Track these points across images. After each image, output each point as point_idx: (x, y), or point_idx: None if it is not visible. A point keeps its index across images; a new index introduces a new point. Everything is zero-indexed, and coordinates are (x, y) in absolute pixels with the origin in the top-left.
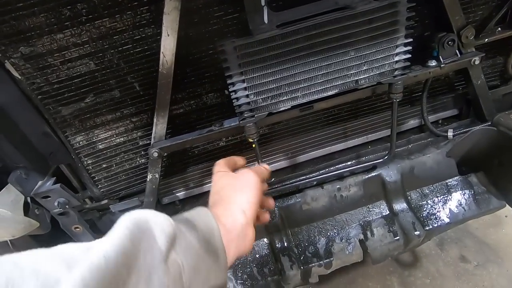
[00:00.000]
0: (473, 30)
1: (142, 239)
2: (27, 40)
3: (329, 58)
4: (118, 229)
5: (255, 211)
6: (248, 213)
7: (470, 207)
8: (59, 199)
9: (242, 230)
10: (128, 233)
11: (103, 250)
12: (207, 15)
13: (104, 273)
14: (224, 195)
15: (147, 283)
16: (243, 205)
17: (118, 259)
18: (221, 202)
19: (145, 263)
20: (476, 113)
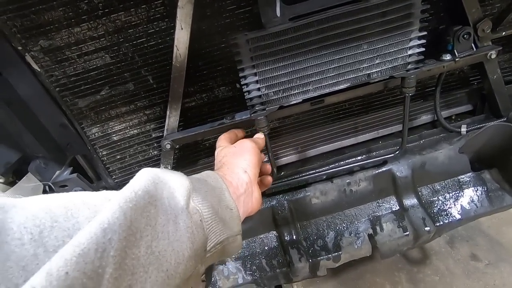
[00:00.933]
0: (490, 23)
1: (164, 188)
2: (46, 33)
3: (342, 52)
4: (140, 176)
5: (257, 171)
6: (250, 172)
7: (482, 203)
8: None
9: (248, 187)
10: (151, 180)
11: (131, 188)
12: (220, 9)
13: (136, 204)
14: (226, 161)
15: (175, 223)
16: (244, 166)
17: (145, 197)
18: (224, 167)
19: (170, 207)
20: (491, 108)
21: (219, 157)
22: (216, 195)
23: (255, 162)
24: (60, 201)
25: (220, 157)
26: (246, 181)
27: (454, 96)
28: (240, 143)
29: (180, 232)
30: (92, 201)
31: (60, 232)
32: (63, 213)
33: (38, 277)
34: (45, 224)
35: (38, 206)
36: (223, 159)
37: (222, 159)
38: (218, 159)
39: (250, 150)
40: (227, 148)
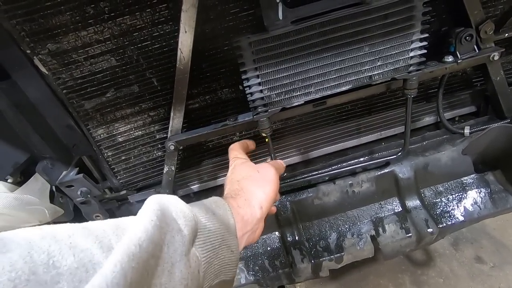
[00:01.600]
0: (492, 25)
1: (168, 230)
2: (53, 37)
3: (343, 54)
4: (146, 214)
5: (270, 206)
6: (264, 208)
7: (486, 205)
8: (81, 188)
9: (256, 224)
10: (156, 221)
11: (137, 238)
12: (223, 12)
13: (139, 262)
14: (245, 186)
15: (170, 274)
16: (262, 200)
17: (149, 249)
18: (241, 193)
19: (169, 254)
20: (494, 110)
21: (237, 175)
22: (220, 233)
23: (272, 197)
24: (45, 243)
25: (239, 176)
26: (257, 218)
27: (457, 97)
28: (263, 169)
29: (174, 283)
30: (82, 245)
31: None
32: (44, 262)
33: None
34: (20, 277)
35: (19, 252)
36: (242, 182)
37: (242, 180)
38: (235, 175)
39: (271, 182)
40: (248, 167)
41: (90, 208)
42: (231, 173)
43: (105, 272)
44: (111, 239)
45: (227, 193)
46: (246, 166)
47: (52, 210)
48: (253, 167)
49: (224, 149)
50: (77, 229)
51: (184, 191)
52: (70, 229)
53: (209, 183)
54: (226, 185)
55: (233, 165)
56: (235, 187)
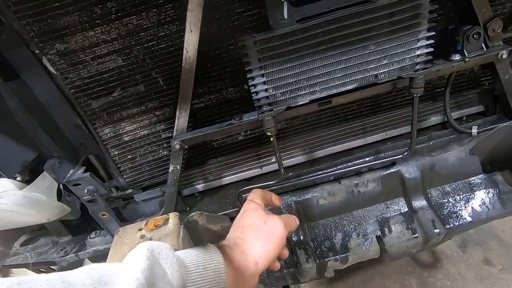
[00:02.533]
0: (501, 22)
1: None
2: (62, 37)
3: (349, 52)
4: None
5: (269, 264)
6: (260, 265)
7: (494, 206)
8: (88, 186)
9: (249, 279)
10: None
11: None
12: (229, 11)
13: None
14: (247, 236)
15: None
16: (260, 257)
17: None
18: (240, 244)
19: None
20: (503, 109)
21: (244, 220)
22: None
23: (273, 254)
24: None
25: (245, 223)
26: (251, 274)
27: (465, 96)
28: (272, 222)
29: None
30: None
31: None
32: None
33: None
34: None
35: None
36: (245, 231)
37: (245, 229)
38: (242, 220)
39: (276, 238)
40: (257, 214)
41: (96, 206)
42: (239, 216)
43: None
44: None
45: (228, 237)
46: (256, 213)
47: (59, 208)
48: (261, 217)
49: (229, 148)
50: (56, 284)
51: (189, 190)
52: (48, 285)
53: (214, 183)
54: (232, 227)
55: (244, 208)
56: (237, 234)
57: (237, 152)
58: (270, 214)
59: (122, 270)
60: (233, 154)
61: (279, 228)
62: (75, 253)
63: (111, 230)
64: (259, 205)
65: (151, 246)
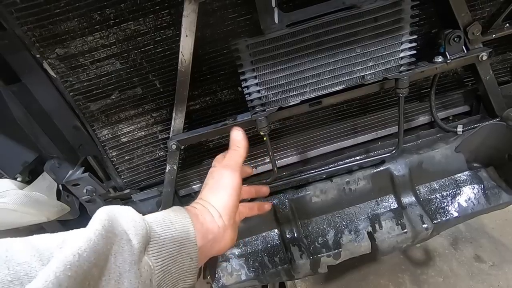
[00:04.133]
0: (479, 26)
1: (115, 240)
2: (62, 42)
3: (336, 55)
4: (92, 225)
5: (233, 214)
6: (225, 216)
7: (479, 201)
8: (87, 186)
9: (219, 233)
10: (102, 232)
11: (77, 247)
12: (222, 17)
13: (77, 271)
14: (202, 196)
15: (117, 284)
16: (219, 207)
17: (91, 258)
18: (199, 202)
19: (116, 264)
20: (486, 109)
21: (205, 182)
22: (178, 240)
23: (231, 203)
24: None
25: (204, 184)
26: (218, 226)
27: (450, 97)
28: (216, 172)
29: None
30: (19, 259)
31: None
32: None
33: None
34: None
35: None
36: (201, 193)
37: (201, 193)
38: (204, 182)
39: (226, 188)
40: (208, 175)
41: (95, 206)
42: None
43: (37, 282)
44: (53, 252)
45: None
46: (209, 175)
47: (59, 207)
48: (210, 174)
49: (225, 149)
50: (16, 244)
51: (185, 190)
52: (8, 244)
53: None
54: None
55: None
56: (201, 193)
57: None
58: (216, 168)
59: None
60: None
61: (227, 176)
62: None
63: None
64: (214, 167)
65: (111, 207)
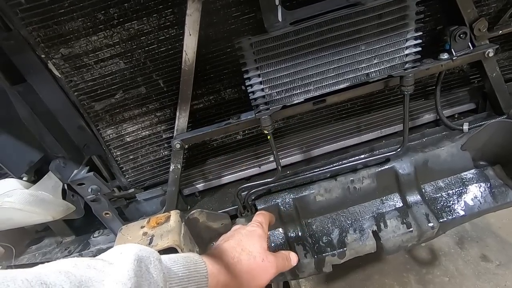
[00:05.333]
0: (485, 22)
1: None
2: (66, 42)
3: (340, 53)
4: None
5: None
6: None
7: (486, 200)
8: (92, 186)
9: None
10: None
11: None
12: (226, 16)
13: None
14: (241, 262)
15: None
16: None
17: None
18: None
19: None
20: (492, 106)
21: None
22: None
23: None
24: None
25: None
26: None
27: (456, 95)
28: (268, 261)
29: None
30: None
31: None
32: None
33: None
34: None
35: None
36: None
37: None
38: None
39: (264, 279)
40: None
41: (100, 205)
42: (245, 233)
43: None
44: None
45: (225, 247)
46: (260, 243)
47: (64, 206)
48: (262, 251)
49: (228, 148)
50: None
51: (189, 190)
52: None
53: (214, 182)
54: (231, 239)
55: (252, 229)
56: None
57: (236, 151)
58: (269, 253)
59: (105, 277)
60: (232, 153)
61: (271, 271)
62: (79, 252)
63: (114, 229)
64: (265, 234)
65: (139, 255)
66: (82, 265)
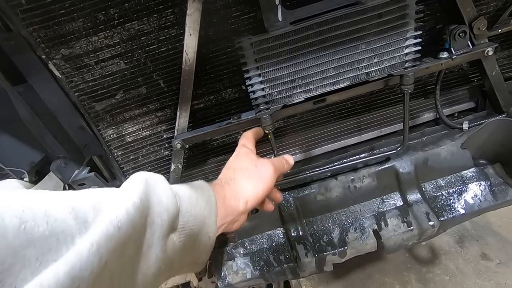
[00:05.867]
0: (485, 21)
1: (149, 213)
2: (67, 42)
3: (340, 52)
4: (130, 195)
5: (258, 203)
6: (249, 204)
7: (486, 198)
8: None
9: (237, 216)
10: (139, 205)
11: (117, 219)
12: (226, 15)
13: (116, 243)
14: (238, 177)
15: (145, 257)
16: (249, 196)
17: (129, 231)
18: (231, 183)
19: (146, 237)
20: (492, 105)
21: (237, 163)
22: (201, 219)
23: (262, 195)
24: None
25: (237, 165)
26: (239, 211)
27: (455, 93)
28: (262, 165)
29: (148, 265)
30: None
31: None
32: (15, 226)
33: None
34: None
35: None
36: (237, 172)
37: (237, 171)
38: (234, 163)
39: (265, 179)
40: (248, 158)
41: None
42: (232, 158)
43: (80, 250)
44: (88, 212)
45: (220, 178)
46: (248, 157)
47: None
48: (252, 160)
49: (229, 148)
50: (54, 197)
51: None
52: (47, 196)
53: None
54: (224, 169)
55: (237, 152)
56: (229, 174)
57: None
58: (260, 158)
59: (117, 196)
60: (232, 153)
61: (269, 170)
62: None
63: None
64: (250, 150)
65: (146, 175)
66: (99, 190)
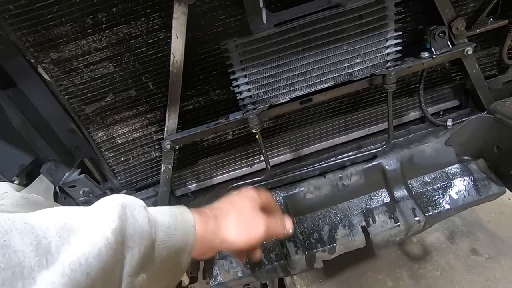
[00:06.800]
0: (463, 21)
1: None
2: (56, 46)
3: (324, 53)
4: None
5: (233, 250)
6: (224, 245)
7: (470, 193)
8: (83, 188)
9: (209, 250)
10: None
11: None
12: (212, 18)
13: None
14: (229, 215)
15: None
16: (227, 238)
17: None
18: (218, 218)
19: (115, 272)
20: (475, 102)
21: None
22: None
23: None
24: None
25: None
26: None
27: (440, 92)
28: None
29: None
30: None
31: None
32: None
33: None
34: None
35: None
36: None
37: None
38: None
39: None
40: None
41: None
42: (236, 194)
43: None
44: (52, 241)
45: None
46: (251, 203)
47: None
48: (253, 209)
49: (218, 148)
50: (17, 225)
51: (182, 190)
52: (9, 224)
53: (206, 182)
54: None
55: (246, 192)
56: (224, 207)
57: (226, 151)
58: (262, 213)
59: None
60: (223, 153)
61: (260, 229)
62: None
63: None
64: (259, 200)
65: (124, 201)
66: (67, 210)
